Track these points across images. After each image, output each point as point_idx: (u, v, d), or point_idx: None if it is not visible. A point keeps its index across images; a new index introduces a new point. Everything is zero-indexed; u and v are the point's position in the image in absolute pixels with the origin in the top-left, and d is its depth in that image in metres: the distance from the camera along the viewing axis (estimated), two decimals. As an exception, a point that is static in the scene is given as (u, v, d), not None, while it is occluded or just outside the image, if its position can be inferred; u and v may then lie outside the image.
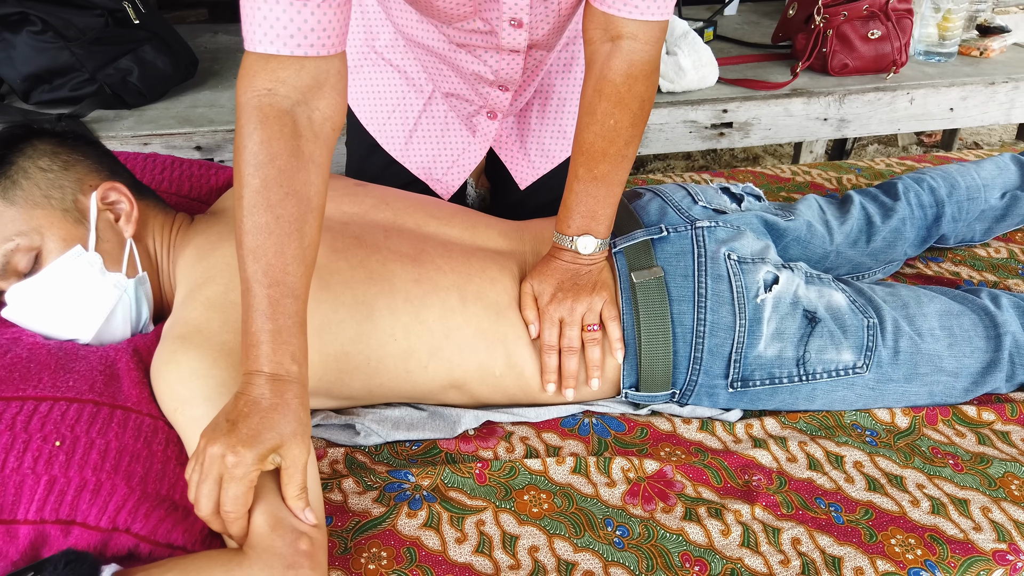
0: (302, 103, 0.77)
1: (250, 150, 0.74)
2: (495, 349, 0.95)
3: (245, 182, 0.74)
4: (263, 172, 0.74)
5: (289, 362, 0.73)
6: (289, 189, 0.75)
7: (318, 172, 0.78)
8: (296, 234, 0.75)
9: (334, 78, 0.79)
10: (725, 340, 0.96)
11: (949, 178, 1.29)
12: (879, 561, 0.81)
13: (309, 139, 0.77)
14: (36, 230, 0.87)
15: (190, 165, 1.22)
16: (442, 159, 1.21)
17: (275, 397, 0.71)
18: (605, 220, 0.96)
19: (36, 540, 0.69)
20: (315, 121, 0.78)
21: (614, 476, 0.90)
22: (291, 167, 0.75)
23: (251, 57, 0.76)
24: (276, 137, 0.75)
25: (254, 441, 0.69)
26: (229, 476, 0.68)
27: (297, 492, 0.72)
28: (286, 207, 0.74)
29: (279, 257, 0.74)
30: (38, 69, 1.70)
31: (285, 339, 0.73)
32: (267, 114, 0.75)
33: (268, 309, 0.73)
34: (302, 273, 0.76)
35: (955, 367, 1.00)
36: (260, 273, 0.73)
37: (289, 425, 0.71)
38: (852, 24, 2.00)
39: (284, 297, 0.74)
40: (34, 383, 0.77)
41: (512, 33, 0.97)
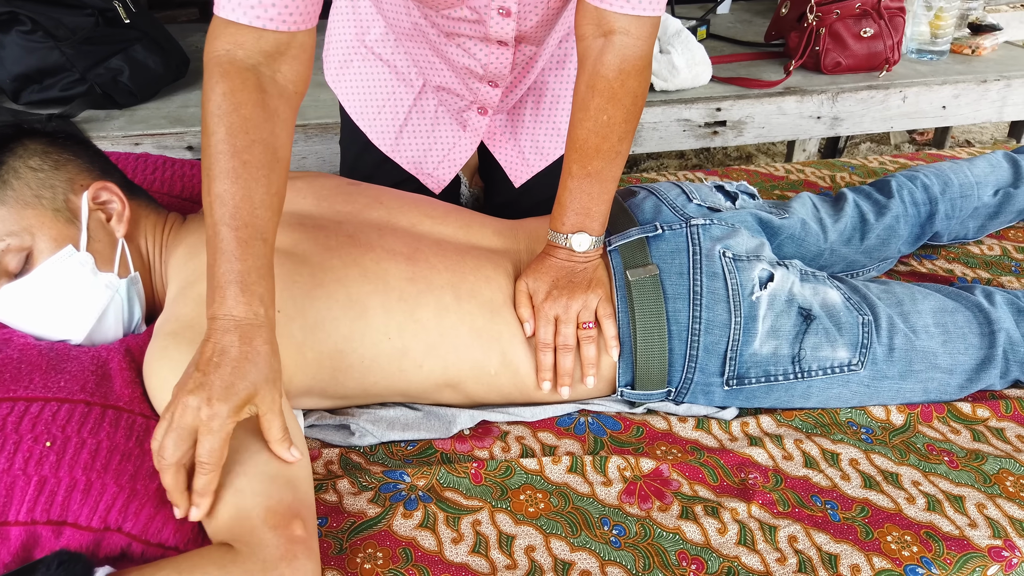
0: (263, 64, 0.78)
1: (214, 101, 0.75)
2: (490, 348, 0.94)
3: (210, 131, 0.75)
4: (227, 120, 0.75)
5: (257, 304, 0.73)
6: (255, 136, 0.75)
7: (283, 127, 0.79)
8: (264, 180, 0.75)
9: (296, 50, 0.80)
10: (720, 338, 0.96)
11: (942, 176, 1.29)
12: (875, 558, 0.81)
13: (273, 95, 0.78)
14: (27, 230, 0.86)
15: (181, 165, 1.22)
16: (433, 153, 1.20)
17: (244, 344, 0.71)
18: (599, 217, 0.96)
19: (28, 541, 0.68)
20: (278, 81, 0.79)
21: (610, 475, 0.90)
22: (256, 116, 0.76)
23: (216, 21, 0.77)
24: (239, 88, 0.76)
25: (228, 393, 0.69)
26: (205, 429, 0.68)
27: (279, 435, 0.73)
28: (252, 153, 0.75)
29: (247, 201, 0.74)
30: (28, 69, 1.69)
31: (254, 279, 0.73)
32: (228, 69, 0.76)
33: (237, 250, 0.73)
34: (270, 217, 0.76)
35: (950, 364, 1.00)
36: (228, 216, 0.73)
37: (261, 372, 0.72)
38: (845, 22, 2.01)
39: (253, 239, 0.74)
40: (25, 384, 0.76)
41: (500, 22, 0.96)
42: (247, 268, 0.73)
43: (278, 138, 0.78)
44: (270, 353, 0.73)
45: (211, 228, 0.74)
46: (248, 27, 0.76)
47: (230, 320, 0.72)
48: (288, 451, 0.74)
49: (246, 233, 0.73)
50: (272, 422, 0.73)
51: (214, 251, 0.73)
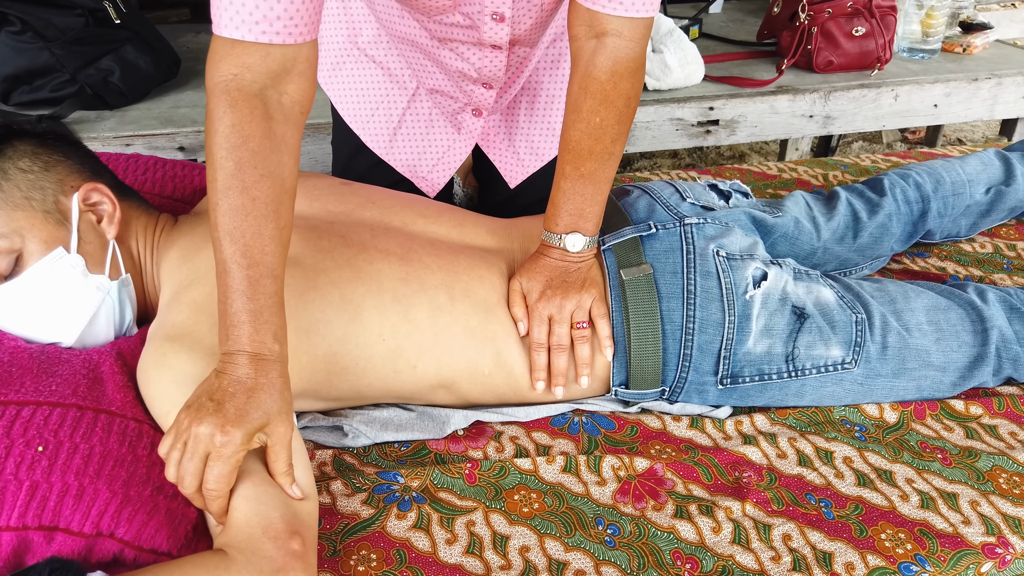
0: (270, 87, 0.77)
1: (222, 133, 0.74)
2: (484, 348, 0.94)
3: (218, 165, 0.74)
4: (236, 154, 0.74)
5: (271, 341, 0.74)
6: (264, 171, 0.75)
7: (290, 154, 0.78)
8: (272, 215, 0.75)
9: (302, 65, 0.78)
10: (714, 337, 0.96)
11: (934, 174, 1.30)
12: (869, 556, 0.81)
13: (280, 121, 0.77)
14: (17, 232, 0.85)
15: (173, 166, 1.21)
16: (427, 157, 1.20)
17: (259, 376, 0.72)
18: (593, 218, 0.96)
19: (19, 547, 0.68)
20: (284, 104, 0.78)
21: (604, 475, 0.90)
22: (264, 149, 0.75)
23: (218, 41, 0.75)
24: (247, 120, 0.74)
25: (242, 421, 0.69)
26: (216, 455, 0.69)
27: (284, 468, 0.73)
28: (261, 188, 0.74)
29: (256, 238, 0.74)
30: (17, 70, 1.68)
31: (266, 319, 0.74)
32: (236, 97, 0.75)
33: (248, 289, 0.73)
34: (280, 253, 0.76)
35: (943, 362, 1.00)
36: (238, 254, 0.73)
37: (275, 404, 0.72)
38: (836, 21, 2.01)
39: (263, 277, 0.74)
40: (16, 387, 0.76)
41: (494, 28, 0.96)
42: (258, 307, 0.73)
43: (286, 167, 0.77)
44: (283, 387, 0.74)
45: (221, 264, 0.74)
46: (254, 45, 0.74)
47: (244, 356, 0.72)
48: (290, 487, 0.74)
49: (256, 272, 0.73)
50: (279, 454, 0.73)
51: (225, 288, 0.74)
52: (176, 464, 0.70)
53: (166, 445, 0.71)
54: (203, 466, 0.69)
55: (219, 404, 0.70)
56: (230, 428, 0.69)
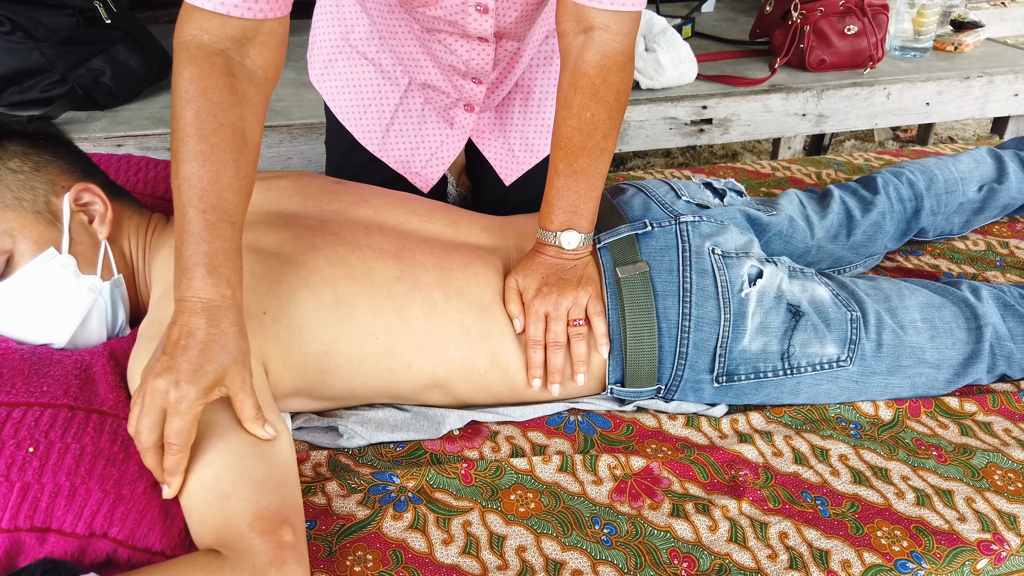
0: (231, 49, 0.78)
1: (182, 86, 0.75)
2: (479, 346, 0.94)
3: (178, 115, 0.75)
4: (195, 104, 0.74)
5: (224, 286, 0.73)
6: (223, 120, 0.75)
7: (253, 111, 0.79)
8: (232, 163, 0.75)
9: (264, 36, 0.80)
10: (710, 335, 0.96)
11: (927, 172, 1.30)
12: (866, 553, 0.81)
13: (242, 79, 0.78)
14: (7, 233, 0.85)
15: (165, 166, 1.20)
16: (420, 152, 1.20)
17: (211, 327, 0.72)
18: (588, 215, 0.96)
19: (11, 549, 0.67)
20: (247, 66, 0.79)
21: (601, 474, 0.89)
22: (224, 101, 0.76)
23: (184, 6, 0.77)
24: (206, 72, 0.75)
25: (195, 376, 0.70)
26: (173, 410, 0.69)
27: (252, 414, 0.74)
28: (220, 136, 0.75)
29: (214, 184, 0.74)
30: (7, 70, 1.66)
31: (221, 262, 0.73)
32: (195, 54, 0.76)
33: (204, 232, 0.73)
34: (238, 201, 0.76)
35: (937, 359, 1.00)
36: (195, 198, 0.73)
37: (229, 354, 0.72)
38: (829, 20, 2.02)
39: (220, 222, 0.74)
40: (7, 389, 0.75)
41: (478, 19, 0.96)
42: (214, 250, 0.73)
43: (247, 122, 0.78)
44: (238, 335, 0.74)
45: (178, 210, 0.74)
46: (213, 13, 0.76)
47: (197, 302, 0.72)
48: (262, 428, 0.74)
49: (213, 216, 0.74)
50: (244, 401, 0.74)
51: (181, 233, 0.74)
52: (135, 418, 0.70)
53: (132, 403, 0.72)
54: (161, 420, 0.69)
55: (172, 358, 0.70)
56: (184, 384, 0.69)
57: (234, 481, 0.71)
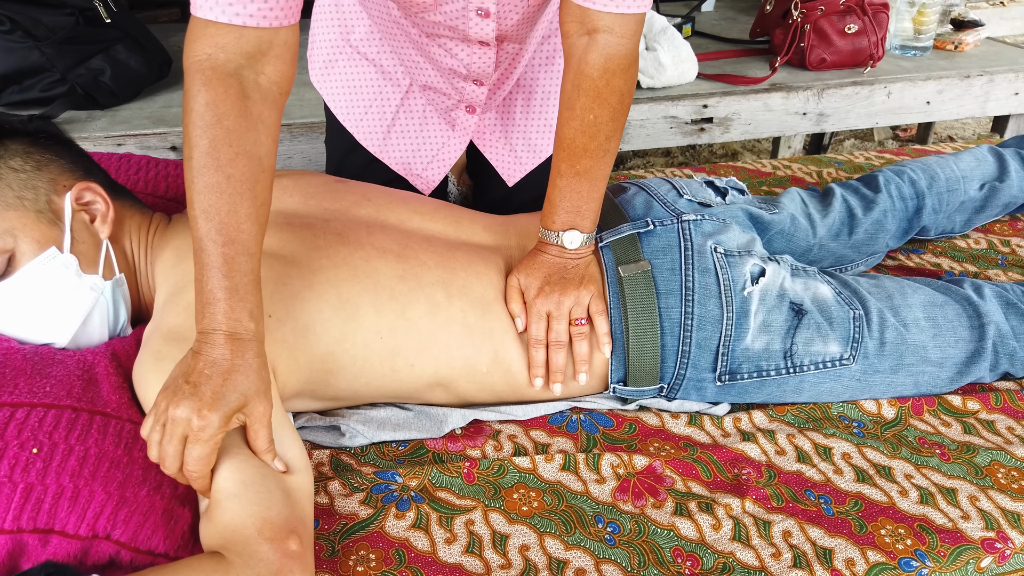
0: (246, 67, 0.77)
1: (197, 112, 0.74)
2: (482, 345, 0.94)
3: (194, 143, 0.74)
4: (211, 133, 0.74)
5: (247, 319, 0.73)
6: (239, 149, 0.74)
7: (267, 133, 0.78)
8: (248, 193, 0.75)
9: (279, 48, 0.78)
10: (713, 333, 0.96)
11: (929, 170, 1.30)
12: (870, 552, 0.81)
13: (256, 100, 0.77)
14: (9, 232, 0.84)
15: (166, 165, 1.20)
16: (421, 154, 1.20)
17: (235, 357, 0.72)
18: (590, 215, 0.96)
19: (14, 550, 0.67)
20: (261, 84, 0.78)
21: (603, 473, 0.89)
22: (240, 127, 0.75)
23: (194, 21, 0.76)
24: (222, 98, 0.74)
25: (218, 404, 0.70)
26: (194, 438, 0.69)
27: (265, 446, 0.74)
28: (237, 166, 0.74)
29: (232, 216, 0.74)
30: (7, 69, 1.66)
31: (242, 296, 0.73)
32: (210, 76, 0.74)
33: (224, 267, 0.73)
34: (256, 232, 0.76)
35: (940, 357, 1.00)
36: (214, 232, 0.73)
37: (251, 384, 0.72)
38: (829, 19, 2.02)
39: (239, 255, 0.74)
40: (9, 389, 0.75)
41: (480, 23, 0.96)
42: (234, 285, 0.73)
43: (263, 146, 0.77)
44: (260, 366, 0.74)
45: (197, 242, 0.74)
46: (228, 26, 0.74)
47: (220, 335, 0.72)
48: (273, 462, 0.74)
49: (232, 250, 0.73)
50: (259, 432, 0.74)
51: (201, 266, 0.73)
52: (156, 445, 0.71)
53: (147, 427, 0.72)
54: (183, 448, 0.70)
55: (195, 387, 0.70)
56: (207, 412, 0.69)
57: (246, 483, 0.71)
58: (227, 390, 0.71)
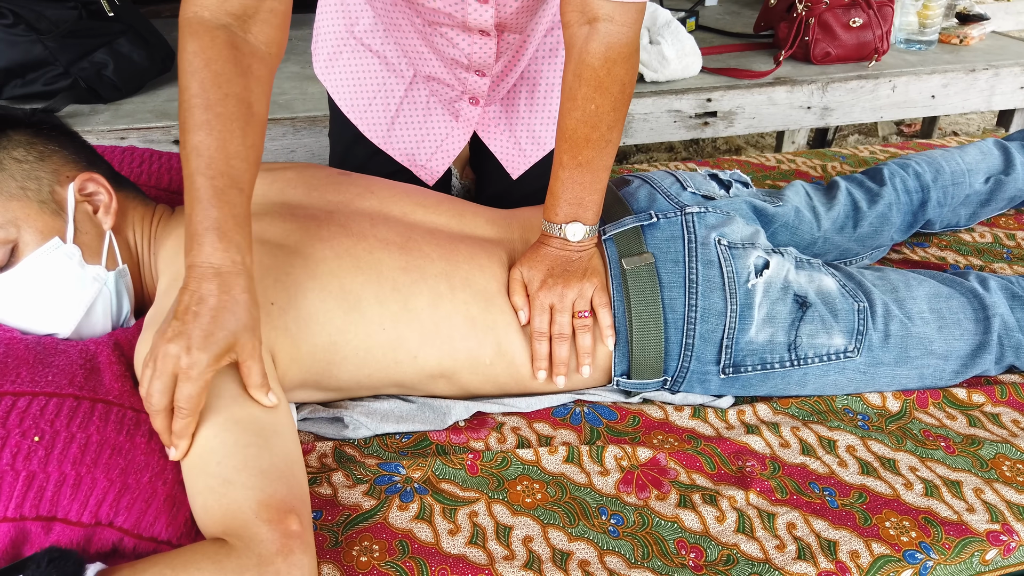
0: (233, 24, 0.79)
1: (186, 59, 0.76)
2: (485, 337, 0.93)
3: (184, 87, 0.76)
4: (199, 76, 0.75)
5: (235, 252, 0.74)
6: (227, 90, 0.76)
7: (258, 84, 0.79)
8: (238, 132, 0.76)
9: (265, 14, 0.80)
10: (716, 326, 0.95)
11: (934, 163, 1.29)
12: (874, 544, 0.81)
13: (245, 53, 0.79)
14: (12, 222, 0.84)
15: (169, 158, 1.20)
16: (425, 145, 1.19)
17: (223, 293, 0.72)
18: (593, 207, 0.95)
19: (17, 538, 0.67)
20: (250, 41, 0.80)
21: (607, 465, 0.89)
22: (227, 71, 0.76)
23: None
24: (209, 46, 0.76)
25: (207, 342, 0.70)
26: (184, 376, 0.70)
27: (258, 380, 0.75)
28: (226, 106, 0.75)
29: (221, 151, 0.75)
30: (10, 63, 1.66)
31: (231, 227, 0.74)
32: (197, 28, 0.77)
33: (213, 199, 0.73)
34: (246, 168, 0.76)
35: (945, 350, 1.00)
36: (203, 166, 0.74)
37: (240, 320, 0.73)
38: (834, 12, 2.01)
39: (229, 188, 0.74)
40: (11, 378, 0.75)
41: (478, 9, 0.95)
42: (223, 216, 0.74)
43: (252, 93, 0.78)
44: (249, 301, 0.74)
45: (187, 179, 0.75)
46: None
47: (208, 268, 0.73)
48: (266, 396, 0.75)
49: (222, 182, 0.74)
50: (252, 368, 0.75)
51: (191, 200, 0.74)
52: (147, 381, 0.71)
53: (138, 363, 0.73)
54: (172, 384, 0.70)
55: (183, 323, 0.71)
56: (195, 351, 0.70)
57: (238, 468, 0.71)
58: (215, 328, 0.71)
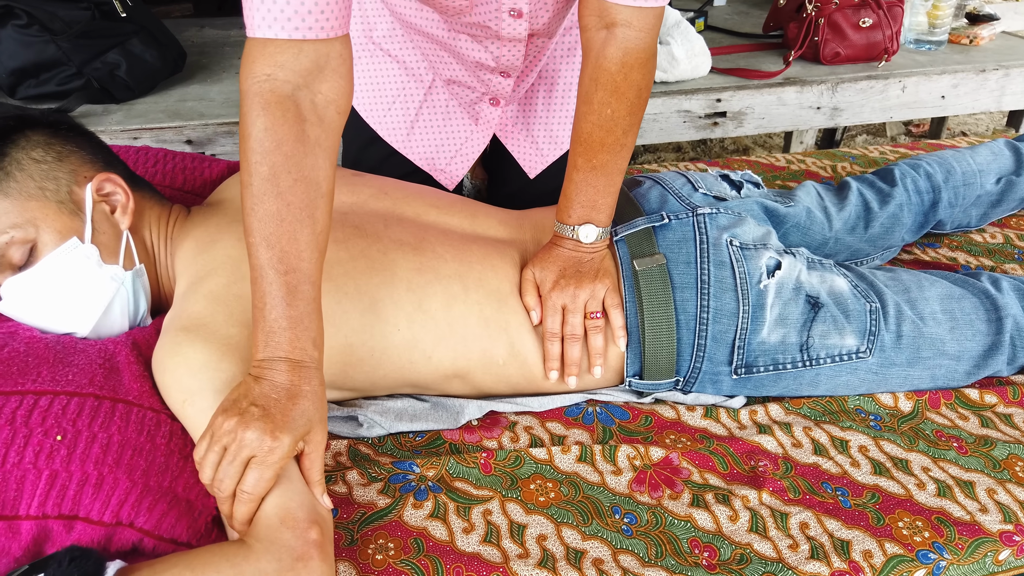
0: (303, 87, 0.76)
1: (255, 137, 0.73)
2: (498, 337, 0.94)
3: (252, 170, 0.73)
4: (270, 159, 0.73)
5: (311, 348, 0.74)
6: (298, 175, 0.74)
7: (325, 156, 0.77)
8: (308, 220, 0.75)
9: (335, 61, 0.77)
10: (729, 327, 0.96)
11: (945, 164, 1.29)
12: (887, 544, 0.81)
13: (314, 123, 0.76)
14: (31, 222, 0.85)
15: (183, 158, 1.21)
16: (445, 149, 1.20)
17: (302, 383, 0.72)
18: (606, 209, 0.96)
19: (39, 536, 0.68)
20: (318, 105, 0.77)
21: (620, 464, 0.90)
22: (298, 152, 0.74)
23: (251, 43, 0.75)
24: (280, 123, 0.74)
25: (290, 427, 0.70)
26: (261, 461, 0.69)
27: (319, 476, 0.74)
28: (296, 193, 0.74)
29: (292, 244, 0.73)
30: (24, 63, 1.67)
31: (306, 325, 0.74)
32: (269, 100, 0.74)
33: (287, 296, 0.73)
34: (316, 259, 0.75)
35: (957, 350, 1.00)
36: (275, 260, 0.73)
37: (317, 411, 0.73)
38: (843, 12, 2.01)
39: (301, 283, 0.74)
40: (33, 377, 0.76)
41: (512, 24, 0.96)
42: (298, 314, 0.73)
43: (321, 170, 0.76)
44: (322, 393, 0.74)
45: (256, 270, 0.73)
46: (287, 42, 0.74)
47: (284, 363, 0.72)
48: (323, 496, 0.74)
49: (295, 278, 0.73)
50: (315, 462, 0.74)
51: (262, 295, 0.73)
52: (213, 467, 0.69)
53: (202, 449, 0.70)
54: (243, 469, 0.69)
55: (265, 410, 0.70)
56: (279, 434, 0.69)
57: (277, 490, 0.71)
58: (296, 414, 0.71)
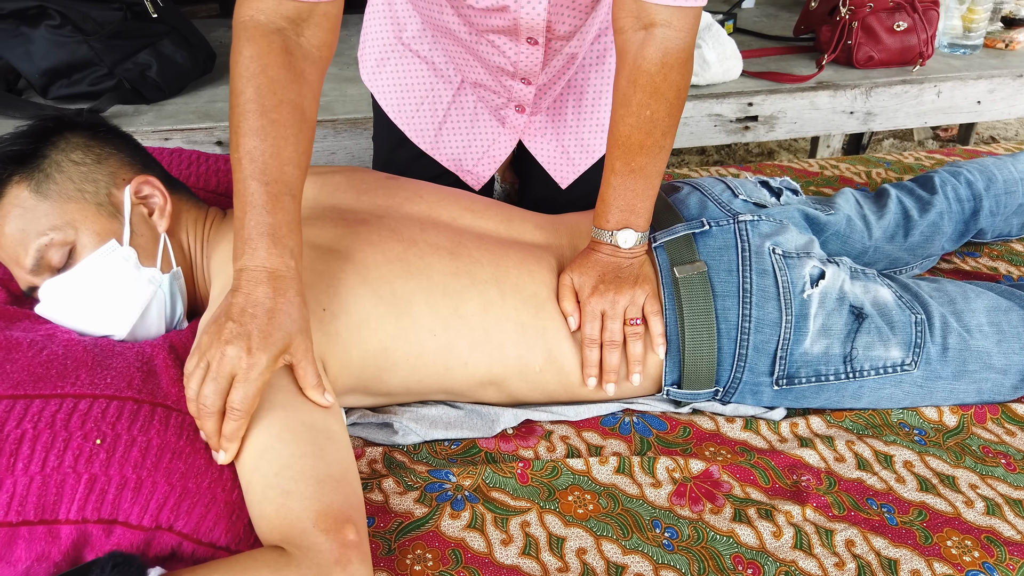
0: (287, 28, 0.80)
1: (242, 64, 0.77)
2: (535, 343, 0.93)
3: (238, 91, 0.77)
4: (255, 81, 0.77)
5: (288, 256, 0.75)
6: (283, 96, 0.77)
7: (310, 89, 0.81)
8: (292, 138, 0.77)
9: (318, 18, 0.82)
10: (771, 337, 0.94)
11: (986, 171, 1.27)
12: (936, 563, 0.79)
13: (299, 58, 0.80)
14: (70, 224, 0.85)
15: (216, 160, 1.21)
16: (472, 150, 1.19)
17: (277, 295, 0.74)
18: (644, 213, 0.94)
19: (78, 540, 0.67)
20: (303, 44, 0.81)
21: (659, 476, 0.88)
22: (283, 77, 0.78)
23: None
24: (266, 51, 0.78)
25: (266, 343, 0.71)
26: (242, 377, 0.70)
27: (314, 381, 0.76)
28: (280, 112, 0.77)
29: (275, 158, 0.76)
30: (56, 63, 1.68)
31: (285, 233, 0.75)
32: (254, 33, 0.78)
33: (267, 204, 0.75)
34: (298, 176, 0.78)
35: (1004, 364, 0.98)
36: (257, 171, 0.75)
37: (294, 323, 0.74)
38: (878, 16, 1.98)
39: (282, 194, 0.76)
40: (71, 380, 0.75)
41: (531, 12, 0.94)
42: (278, 222, 0.75)
43: (305, 99, 0.80)
44: (301, 304, 0.75)
45: (240, 183, 0.76)
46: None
47: (262, 271, 0.74)
48: (323, 396, 0.76)
49: (276, 188, 0.75)
50: (307, 369, 0.76)
51: (243, 204, 0.75)
52: (199, 382, 0.71)
53: (190, 364, 0.73)
54: (227, 386, 0.71)
55: (241, 325, 0.71)
56: (256, 351, 0.70)
57: (295, 479, 0.71)
58: (272, 329, 0.72)
